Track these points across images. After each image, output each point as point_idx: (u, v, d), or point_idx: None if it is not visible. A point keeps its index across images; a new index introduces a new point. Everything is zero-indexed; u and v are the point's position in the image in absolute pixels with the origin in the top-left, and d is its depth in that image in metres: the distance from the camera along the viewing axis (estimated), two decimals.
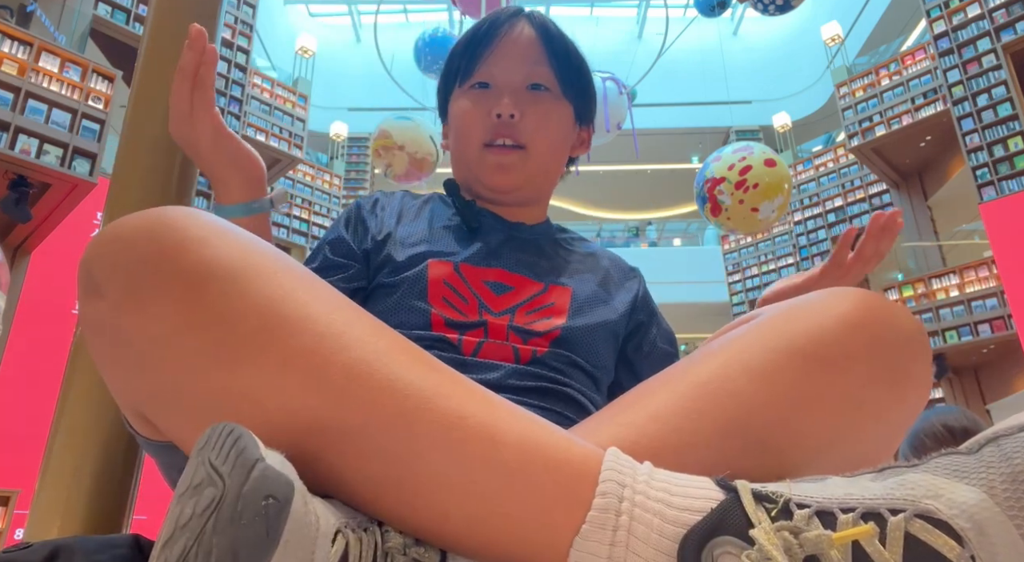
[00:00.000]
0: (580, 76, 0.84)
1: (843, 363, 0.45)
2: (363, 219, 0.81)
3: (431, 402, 0.39)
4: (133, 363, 0.41)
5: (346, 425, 0.38)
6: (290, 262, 0.45)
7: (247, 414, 0.39)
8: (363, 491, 0.39)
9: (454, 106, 0.83)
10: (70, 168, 5.42)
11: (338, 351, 0.39)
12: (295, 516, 0.30)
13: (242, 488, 0.30)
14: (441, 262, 0.73)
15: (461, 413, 0.39)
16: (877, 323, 0.46)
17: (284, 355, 0.39)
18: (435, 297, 0.70)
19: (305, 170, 10.83)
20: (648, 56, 5.76)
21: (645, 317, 0.82)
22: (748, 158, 3.29)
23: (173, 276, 0.40)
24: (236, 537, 0.29)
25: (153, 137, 1.18)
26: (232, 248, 0.42)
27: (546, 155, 0.80)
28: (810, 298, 0.50)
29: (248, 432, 0.33)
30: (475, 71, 0.81)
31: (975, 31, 8.09)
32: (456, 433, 0.38)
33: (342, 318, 0.42)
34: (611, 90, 3.71)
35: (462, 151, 0.82)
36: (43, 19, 6.27)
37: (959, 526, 0.32)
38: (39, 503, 1.02)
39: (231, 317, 0.39)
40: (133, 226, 0.42)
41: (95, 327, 0.43)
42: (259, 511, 0.29)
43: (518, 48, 0.80)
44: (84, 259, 0.43)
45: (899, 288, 8.97)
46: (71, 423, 1.07)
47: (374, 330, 0.43)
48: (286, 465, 0.33)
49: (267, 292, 0.40)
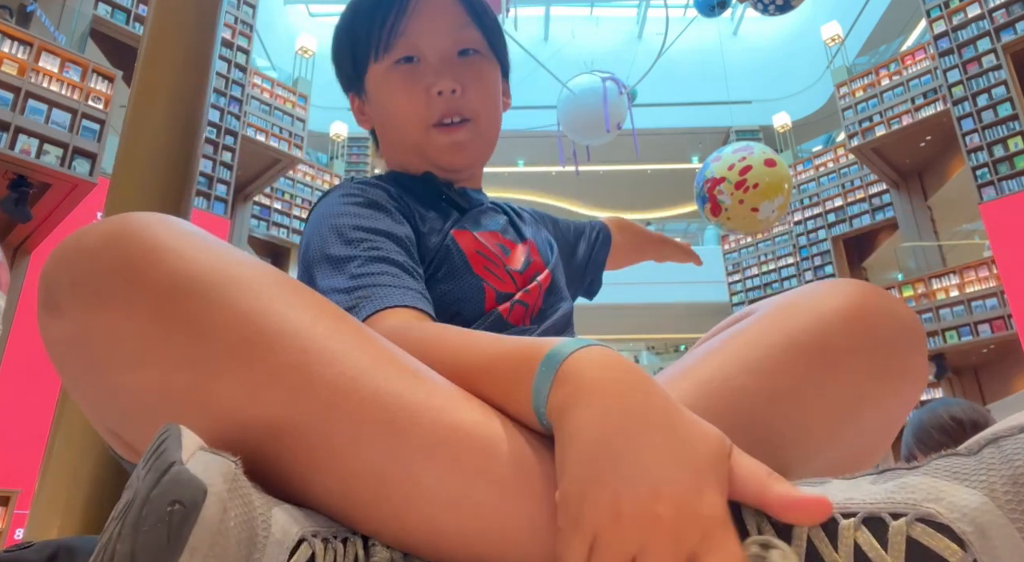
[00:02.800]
0: (500, 31, 0.80)
1: (842, 356, 0.45)
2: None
3: (421, 416, 0.37)
4: (101, 383, 0.39)
5: (333, 442, 0.36)
6: (268, 270, 0.42)
7: (228, 431, 0.37)
8: (352, 507, 0.37)
9: (380, 86, 0.76)
10: (70, 168, 5.42)
11: (323, 365, 0.37)
12: (205, 523, 0.29)
13: (150, 492, 0.28)
14: (461, 231, 0.72)
15: (455, 424, 0.38)
16: (874, 315, 0.47)
17: (265, 371, 0.36)
18: (477, 266, 0.70)
19: (305, 170, 10.83)
20: (648, 56, 5.76)
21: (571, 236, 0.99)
22: (748, 158, 3.29)
23: (142, 289, 0.36)
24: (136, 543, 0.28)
25: (153, 137, 1.18)
26: (206, 257, 0.39)
27: (492, 122, 0.78)
28: (807, 291, 0.50)
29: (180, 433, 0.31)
30: (395, 43, 0.73)
31: (975, 31, 8.09)
32: (449, 447, 0.37)
33: (325, 329, 0.39)
34: (611, 90, 3.71)
35: (402, 134, 0.76)
36: (43, 19, 6.27)
37: (961, 530, 0.31)
38: (39, 503, 1.02)
39: (207, 332, 0.37)
40: (96, 235, 0.38)
41: (58, 346, 0.40)
42: (162, 517, 0.28)
43: (440, 12, 0.74)
44: (43, 272, 0.40)
45: (899, 288, 8.97)
46: (71, 423, 1.07)
47: (359, 340, 0.40)
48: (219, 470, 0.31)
49: (244, 305, 0.38)
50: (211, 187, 8.04)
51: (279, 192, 10.35)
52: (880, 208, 10.38)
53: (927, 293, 8.71)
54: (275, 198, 10.26)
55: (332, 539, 0.34)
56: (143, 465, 0.30)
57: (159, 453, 0.30)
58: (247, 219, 9.68)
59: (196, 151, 1.26)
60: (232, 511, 0.30)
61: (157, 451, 0.30)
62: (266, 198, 10.14)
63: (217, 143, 8.22)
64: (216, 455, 0.32)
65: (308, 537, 0.33)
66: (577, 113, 3.78)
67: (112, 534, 0.28)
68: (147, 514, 0.28)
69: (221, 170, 8.24)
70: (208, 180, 8.04)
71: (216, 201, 8.06)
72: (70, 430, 1.05)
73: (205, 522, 0.29)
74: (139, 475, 0.30)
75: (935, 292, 8.67)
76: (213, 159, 8.17)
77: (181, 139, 1.22)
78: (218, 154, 8.23)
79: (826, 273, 10.74)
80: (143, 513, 0.28)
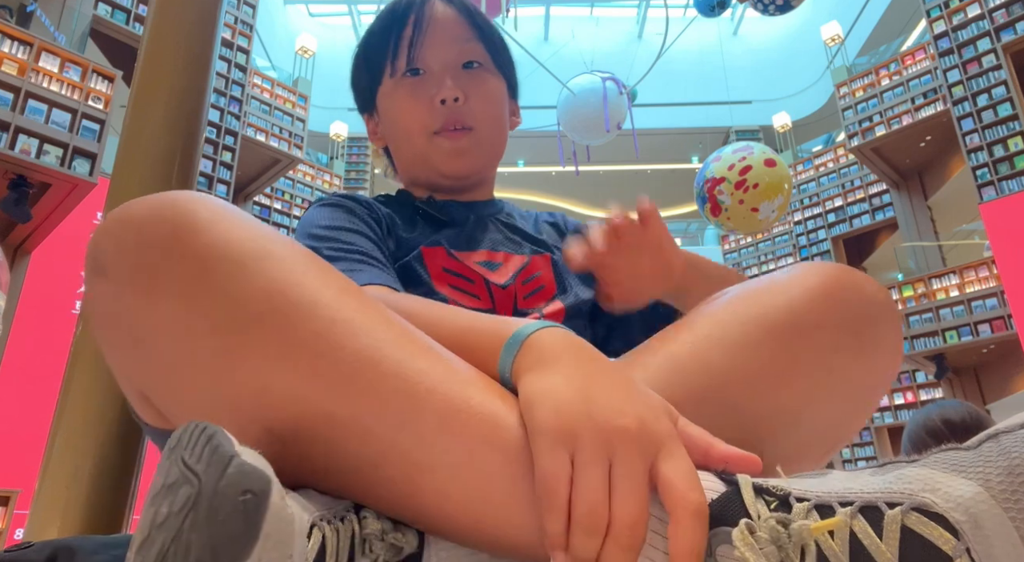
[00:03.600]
0: (506, 49, 0.83)
1: (811, 332, 0.47)
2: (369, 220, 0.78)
3: (438, 387, 0.39)
4: (137, 345, 0.41)
5: (352, 410, 0.38)
6: (299, 247, 0.44)
7: (249, 398, 0.39)
8: (357, 477, 0.39)
9: (389, 99, 0.80)
10: (70, 168, 5.42)
11: (348, 337, 0.39)
12: (274, 510, 0.30)
13: (218, 484, 0.29)
14: (433, 248, 0.73)
15: (466, 397, 0.40)
16: (843, 290, 0.49)
17: (294, 339, 0.39)
18: (440, 284, 0.71)
19: (305, 170, 10.84)
20: (648, 56, 5.76)
21: None
22: (748, 158, 3.29)
23: (181, 258, 0.39)
24: (214, 533, 0.29)
25: (153, 137, 1.18)
26: (241, 231, 0.41)
27: (494, 132, 0.80)
28: (780, 274, 0.52)
29: (221, 429, 0.33)
30: (404, 59, 0.78)
31: (975, 31, 8.10)
32: (462, 416, 0.39)
33: (352, 305, 0.42)
34: (611, 90, 3.71)
35: (408, 144, 0.80)
36: (43, 19, 6.27)
37: (955, 519, 0.32)
38: (39, 503, 1.02)
39: (239, 300, 0.39)
40: (142, 208, 0.42)
41: (101, 309, 0.43)
42: (237, 506, 0.29)
43: (444, 28, 0.78)
44: (92, 241, 0.43)
45: (899, 288, 8.97)
46: (71, 423, 1.07)
47: (383, 317, 0.43)
48: (261, 461, 0.32)
49: (276, 275, 0.40)
50: (211, 187, 8.05)
51: (279, 192, 10.36)
52: (880, 208, 10.39)
53: (927, 293, 8.72)
54: (275, 198, 10.27)
55: (333, 520, 0.36)
56: (194, 459, 0.31)
57: (213, 447, 0.31)
58: None
59: (196, 151, 1.26)
60: (286, 499, 0.32)
61: (209, 445, 0.32)
62: (266, 198, 10.15)
63: (217, 143, 8.22)
64: (247, 448, 0.34)
65: (318, 522, 0.34)
66: (577, 113, 3.78)
67: (182, 527, 0.29)
68: (219, 505, 0.29)
69: (221, 170, 8.24)
70: (208, 180, 8.05)
71: None
72: (70, 430, 1.05)
73: (274, 509, 0.30)
74: (193, 468, 0.31)
75: (935, 292, 8.67)
76: (213, 159, 8.17)
77: (181, 139, 1.22)
78: (218, 154, 8.23)
79: None
80: (215, 504, 0.29)
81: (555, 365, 0.41)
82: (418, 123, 0.77)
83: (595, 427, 0.36)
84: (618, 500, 0.34)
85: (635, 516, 0.34)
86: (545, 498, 0.35)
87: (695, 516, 0.33)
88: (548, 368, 0.41)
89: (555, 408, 0.37)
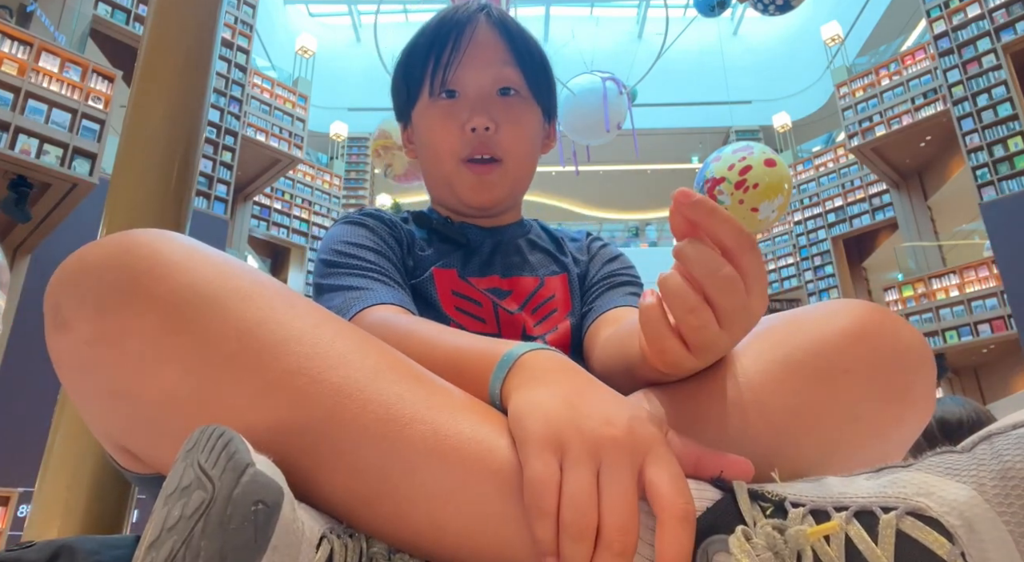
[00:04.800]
0: (545, 73, 0.81)
1: (841, 378, 0.45)
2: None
3: (423, 415, 0.39)
4: (108, 395, 0.40)
5: (337, 442, 0.38)
6: (267, 280, 0.43)
7: None
8: (352, 505, 0.38)
9: (423, 118, 0.80)
10: (70, 168, 5.42)
11: (325, 370, 0.39)
12: (284, 522, 0.30)
13: (232, 492, 0.30)
14: (444, 270, 0.74)
15: (453, 423, 0.39)
16: (877, 336, 0.45)
17: (268, 378, 0.38)
18: (448, 306, 0.71)
19: (305, 170, 10.83)
20: (648, 56, 5.76)
21: (597, 277, 0.82)
22: (748, 158, 3.28)
23: (146, 304, 0.38)
24: (225, 541, 0.29)
25: (153, 137, 1.18)
26: (207, 270, 0.40)
27: (523, 164, 0.79)
28: (812, 309, 0.49)
29: (238, 436, 0.33)
30: (441, 78, 0.77)
31: (975, 31, 8.09)
32: (450, 443, 0.38)
33: (326, 335, 0.41)
34: (611, 90, 3.71)
35: (436, 166, 0.79)
36: (43, 19, 6.27)
37: (949, 523, 0.32)
38: (39, 503, 1.02)
39: (211, 341, 0.38)
40: (100, 253, 0.40)
41: (66, 361, 0.41)
42: (248, 516, 0.29)
43: (483, 51, 0.77)
44: (49, 291, 0.41)
45: (899, 288, 8.97)
46: (71, 423, 1.07)
47: (360, 344, 0.42)
48: (275, 471, 0.32)
49: (247, 314, 0.39)
50: (211, 187, 8.05)
51: (279, 192, 10.35)
52: (880, 208, 10.38)
53: (927, 293, 8.71)
54: (275, 198, 10.27)
55: (343, 534, 0.36)
56: (210, 464, 0.32)
57: (230, 453, 0.31)
58: (247, 219, 9.68)
59: (196, 151, 1.26)
60: (297, 511, 0.32)
61: (225, 451, 0.32)
62: (266, 198, 10.14)
63: (217, 143, 8.22)
64: (263, 456, 0.33)
65: (327, 534, 0.34)
66: (577, 113, 3.78)
67: (193, 532, 0.29)
68: (232, 513, 0.29)
69: (221, 170, 8.24)
70: (208, 180, 8.04)
71: (216, 201, 8.06)
72: (70, 430, 1.05)
73: (284, 521, 0.30)
74: (208, 474, 0.31)
75: (935, 292, 8.67)
76: (213, 159, 8.17)
77: (181, 139, 1.22)
78: (218, 154, 8.23)
79: (826, 273, 10.74)
80: (228, 512, 0.29)
81: (544, 381, 0.42)
82: (447, 147, 0.76)
83: (583, 433, 0.36)
84: (607, 505, 0.34)
85: (625, 520, 0.34)
86: (533, 504, 0.35)
87: (682, 521, 0.33)
88: (537, 384, 0.41)
89: (543, 418, 0.37)
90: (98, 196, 5.45)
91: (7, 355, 5.41)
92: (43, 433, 1.10)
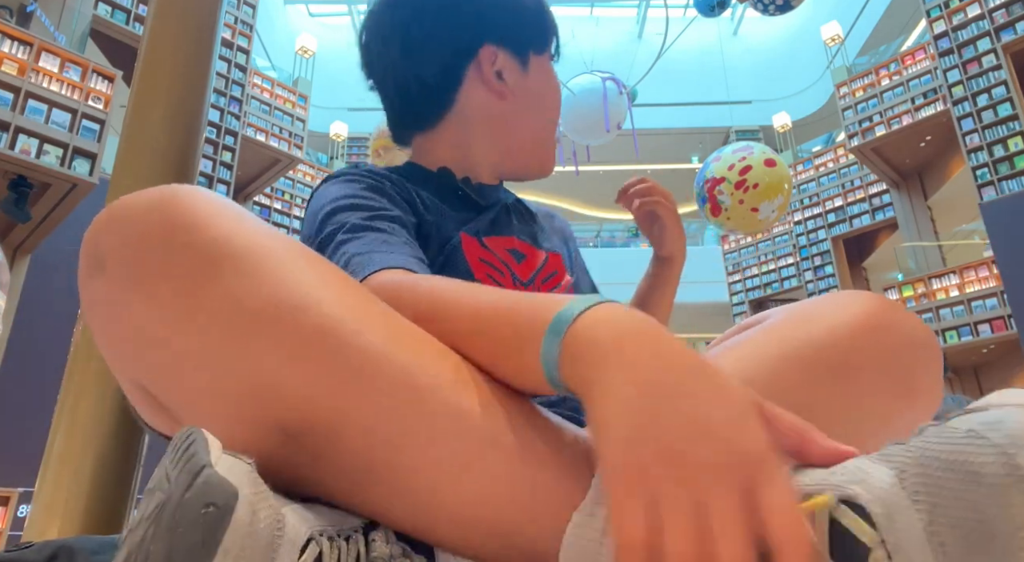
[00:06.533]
0: None
1: (850, 372, 0.45)
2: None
3: (441, 388, 0.39)
4: (136, 341, 0.40)
5: (355, 410, 0.38)
6: (298, 245, 0.44)
7: (257, 394, 0.38)
8: (363, 481, 0.38)
9: (542, 71, 0.79)
10: (70, 168, 5.42)
11: (351, 334, 0.39)
12: (237, 526, 0.30)
13: (184, 495, 0.29)
14: (469, 236, 0.73)
15: (469, 397, 0.39)
16: (885, 329, 0.46)
17: (300, 336, 0.38)
18: (480, 274, 0.70)
19: (305, 170, 10.82)
20: (648, 56, 5.75)
21: None
22: (748, 158, 3.29)
23: (182, 253, 0.38)
24: (172, 545, 0.28)
25: (153, 137, 1.18)
26: (242, 228, 0.41)
27: None
28: (820, 303, 0.49)
29: (205, 437, 0.32)
30: (552, 43, 0.79)
31: (975, 31, 8.08)
32: (464, 418, 0.38)
33: (355, 302, 0.41)
34: (611, 90, 3.71)
35: (539, 119, 0.79)
36: (43, 19, 6.27)
37: (874, 511, 0.31)
38: (39, 503, 1.02)
39: (245, 297, 0.38)
40: (142, 202, 0.41)
41: (98, 304, 0.42)
42: (197, 519, 0.29)
43: None
44: (89, 234, 0.42)
45: (899, 288, 8.96)
46: (71, 423, 1.07)
47: (384, 315, 0.42)
48: (243, 472, 0.32)
49: (280, 273, 0.40)
50: (211, 187, 8.04)
51: (279, 192, 10.35)
52: (880, 208, 10.38)
53: (927, 293, 8.71)
54: (275, 198, 10.26)
55: (336, 537, 0.35)
56: (172, 465, 0.31)
57: (189, 456, 0.31)
58: None
59: (196, 151, 1.26)
60: (260, 513, 0.31)
61: (186, 453, 0.31)
62: (266, 198, 10.14)
63: (217, 143, 8.22)
64: (235, 457, 0.33)
65: (316, 536, 0.34)
66: (577, 113, 3.77)
67: (146, 535, 0.29)
68: (181, 516, 0.29)
69: (221, 170, 8.24)
70: (208, 180, 8.04)
71: None
72: (70, 430, 1.05)
73: (237, 524, 0.30)
74: (169, 476, 0.31)
75: (935, 292, 8.66)
76: (213, 159, 8.16)
77: (181, 139, 1.22)
78: (218, 154, 8.22)
79: (826, 273, 10.74)
80: (177, 515, 0.29)
81: (618, 364, 0.35)
82: (554, 113, 0.78)
83: (675, 465, 0.31)
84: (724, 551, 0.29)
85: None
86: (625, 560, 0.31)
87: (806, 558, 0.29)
88: (611, 371, 0.35)
89: (624, 441, 0.32)
90: (98, 196, 5.45)
91: (7, 355, 5.40)
92: (43, 433, 1.10)
